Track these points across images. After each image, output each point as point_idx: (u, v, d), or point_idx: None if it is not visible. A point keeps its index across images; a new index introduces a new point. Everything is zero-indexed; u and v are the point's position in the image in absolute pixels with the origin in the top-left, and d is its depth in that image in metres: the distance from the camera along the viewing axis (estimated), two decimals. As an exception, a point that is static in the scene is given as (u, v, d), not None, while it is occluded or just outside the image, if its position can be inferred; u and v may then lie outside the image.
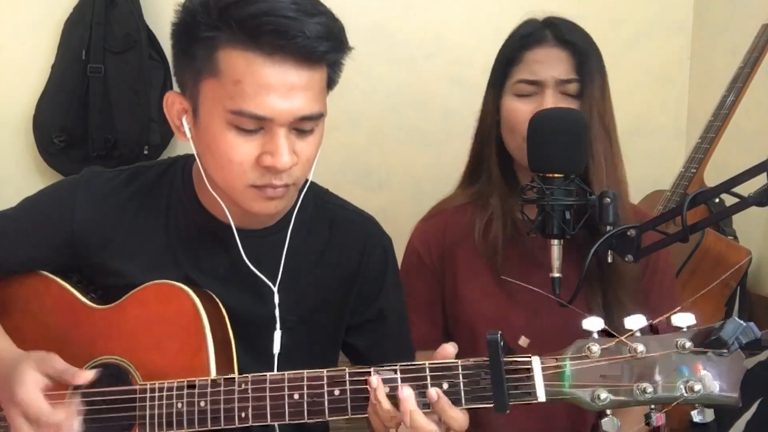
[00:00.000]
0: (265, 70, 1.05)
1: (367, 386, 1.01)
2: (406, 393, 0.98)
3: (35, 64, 2.16)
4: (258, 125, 1.08)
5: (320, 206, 1.31)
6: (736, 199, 1.06)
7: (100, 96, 2.12)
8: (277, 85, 1.05)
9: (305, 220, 1.27)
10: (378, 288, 1.33)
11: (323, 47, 1.06)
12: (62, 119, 2.13)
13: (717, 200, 1.66)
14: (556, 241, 1.17)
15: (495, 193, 1.43)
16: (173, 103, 1.16)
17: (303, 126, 1.10)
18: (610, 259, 1.13)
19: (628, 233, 1.10)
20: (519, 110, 1.36)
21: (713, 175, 1.76)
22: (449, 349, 1.03)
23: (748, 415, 1.48)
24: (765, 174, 1.01)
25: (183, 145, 1.18)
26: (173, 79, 1.13)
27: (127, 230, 1.24)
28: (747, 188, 1.04)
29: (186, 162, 1.27)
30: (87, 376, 1.11)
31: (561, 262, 1.17)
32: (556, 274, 1.17)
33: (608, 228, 1.12)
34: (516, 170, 1.46)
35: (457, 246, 1.46)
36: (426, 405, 0.99)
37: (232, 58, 1.06)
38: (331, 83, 1.15)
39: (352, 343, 1.35)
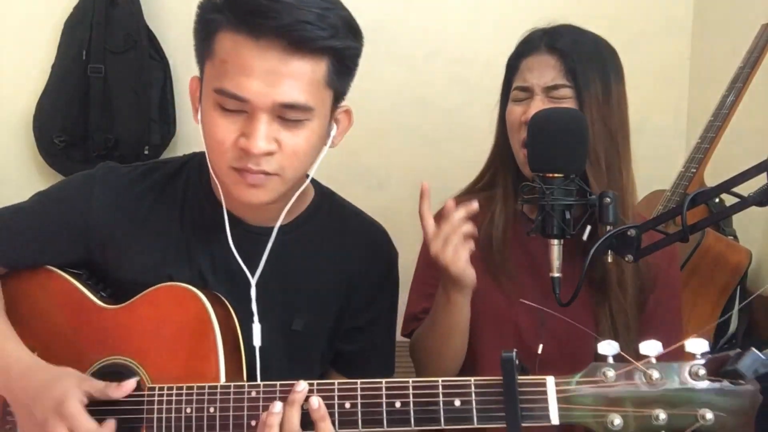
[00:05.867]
0: (248, 52, 1.06)
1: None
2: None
3: (35, 64, 2.16)
4: (239, 106, 1.09)
5: (335, 213, 1.32)
6: (736, 199, 1.06)
7: (100, 96, 2.13)
8: (259, 69, 1.06)
9: (318, 224, 1.29)
10: (373, 297, 1.33)
11: (308, 33, 1.05)
12: (62, 119, 2.13)
13: (717, 200, 1.66)
14: (556, 241, 1.17)
15: (501, 198, 1.44)
16: (196, 88, 1.19)
17: (287, 115, 1.09)
18: (610, 259, 1.13)
19: (628, 233, 1.10)
20: (513, 112, 1.40)
21: (713, 175, 1.76)
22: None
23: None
24: (765, 174, 1.01)
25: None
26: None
27: (143, 223, 1.25)
28: (747, 188, 1.04)
29: (203, 156, 1.26)
30: (127, 388, 1.09)
31: (561, 262, 1.17)
32: (556, 274, 1.17)
33: (608, 228, 1.13)
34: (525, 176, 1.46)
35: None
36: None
37: (223, 39, 1.09)
38: (332, 82, 1.12)
39: (337, 347, 1.34)
